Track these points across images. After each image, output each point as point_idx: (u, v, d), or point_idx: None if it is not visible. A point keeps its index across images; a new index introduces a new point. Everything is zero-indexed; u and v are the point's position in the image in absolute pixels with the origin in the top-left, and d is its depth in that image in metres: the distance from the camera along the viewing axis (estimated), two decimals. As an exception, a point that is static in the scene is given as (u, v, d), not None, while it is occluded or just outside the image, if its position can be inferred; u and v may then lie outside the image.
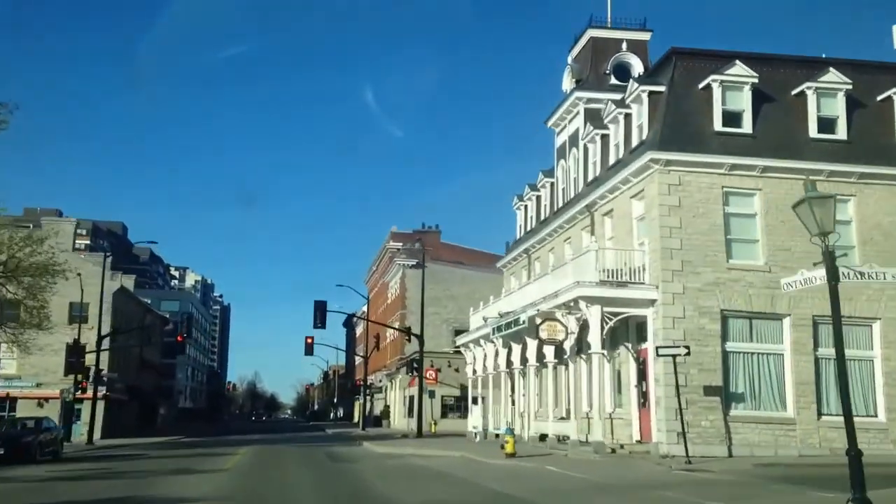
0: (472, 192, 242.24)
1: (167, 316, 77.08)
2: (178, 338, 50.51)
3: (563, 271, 24.94)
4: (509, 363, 31.96)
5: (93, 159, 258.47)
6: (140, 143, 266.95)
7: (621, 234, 24.69)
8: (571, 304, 22.86)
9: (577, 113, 30.19)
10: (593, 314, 22.21)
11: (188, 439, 49.38)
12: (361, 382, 60.27)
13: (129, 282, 67.02)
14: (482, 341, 34.33)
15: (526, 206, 37.84)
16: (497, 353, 32.74)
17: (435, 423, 51.25)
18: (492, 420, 35.91)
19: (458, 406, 55.82)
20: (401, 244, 71.14)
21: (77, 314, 50.45)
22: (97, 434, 50.92)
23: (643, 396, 23.27)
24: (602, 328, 22.25)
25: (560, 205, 32.19)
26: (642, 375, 23.35)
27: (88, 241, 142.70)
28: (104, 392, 51.34)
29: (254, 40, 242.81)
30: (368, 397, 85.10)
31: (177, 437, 51.74)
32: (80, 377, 45.36)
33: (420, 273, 66.53)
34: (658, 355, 20.78)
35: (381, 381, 70.15)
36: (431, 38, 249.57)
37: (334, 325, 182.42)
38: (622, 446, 22.64)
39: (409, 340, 45.86)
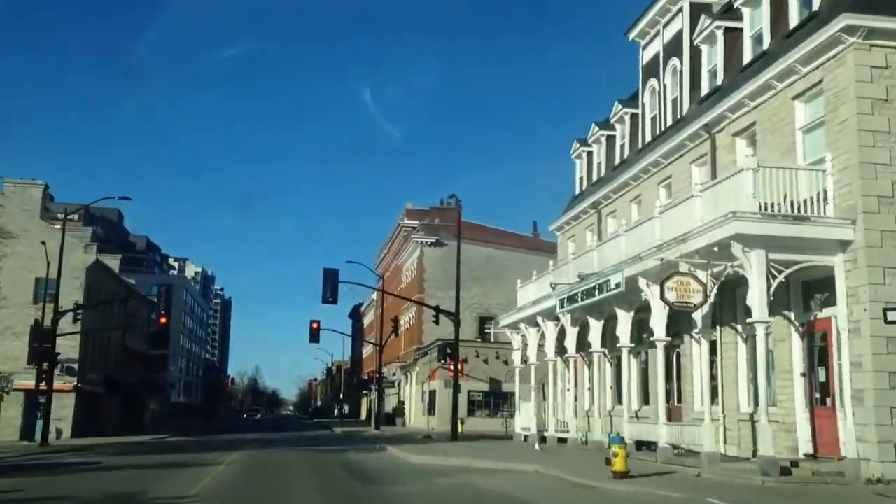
0: (474, 192, 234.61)
1: (155, 300, 69.47)
2: (161, 318, 42.97)
3: (685, 209, 17.35)
4: (583, 345, 24.37)
5: (92, 157, 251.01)
6: (140, 142, 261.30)
7: (768, 157, 17.02)
8: (715, 249, 15.24)
9: (680, 10, 22.52)
10: (755, 263, 14.60)
11: (173, 439, 41.93)
12: (375, 374, 52.67)
13: (112, 261, 59.62)
14: (541, 320, 26.69)
15: (590, 153, 30.21)
16: (563, 333, 25.12)
17: (462, 423, 43.68)
18: (553, 419, 28.26)
19: (486, 402, 48.18)
20: (417, 222, 63.53)
21: (44, 291, 42.76)
22: (66, 432, 43.48)
23: (821, 389, 15.65)
24: (768, 285, 14.64)
25: (648, 139, 24.56)
26: (820, 358, 15.74)
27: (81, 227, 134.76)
28: (74, 383, 43.83)
29: (255, 40, 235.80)
30: (380, 392, 77.39)
31: (161, 437, 44.28)
32: (46, 365, 37.81)
33: (441, 252, 59.01)
34: (888, 321, 13.16)
35: (394, 374, 62.54)
36: (432, 35, 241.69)
37: (341, 317, 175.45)
38: (795, 464, 15.03)
39: (437, 322, 38.32)
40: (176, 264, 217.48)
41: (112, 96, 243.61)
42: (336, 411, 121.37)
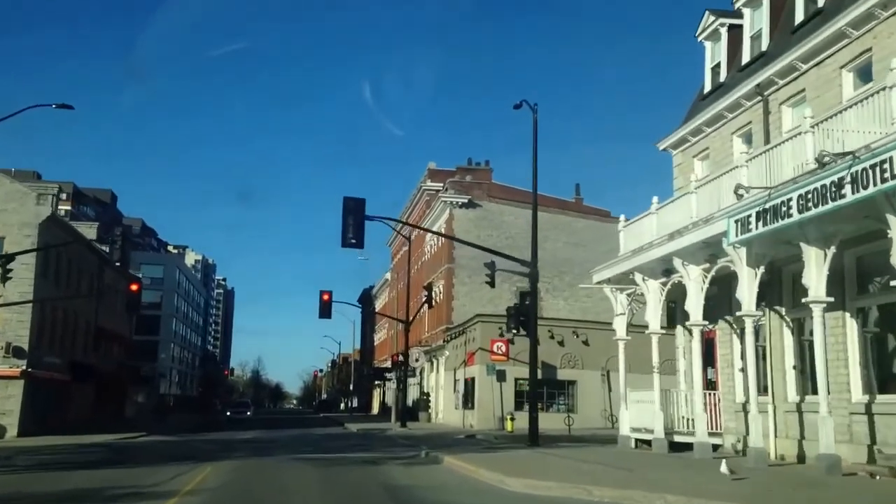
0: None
1: (140, 277, 60.33)
2: (133, 285, 33.85)
3: None
4: (769, 298, 15.12)
5: (92, 155, 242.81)
6: (140, 135, 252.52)
7: None
8: None
9: None
10: None
11: (147, 439, 32.92)
12: (398, 357, 43.47)
13: (88, 230, 50.76)
14: (680, 263, 17.28)
15: (733, 27, 20.81)
16: (728, 282, 15.84)
17: (511, 419, 34.62)
18: (678, 416, 18.91)
19: (538, 393, 38.95)
20: (441, 184, 54.31)
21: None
22: (13, 429, 34.46)
23: None
24: None
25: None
26: None
27: (69, 207, 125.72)
28: (22, 367, 34.78)
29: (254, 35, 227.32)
30: (404, 380, 67.27)
31: (134, 436, 35.30)
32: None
33: (473, 215, 49.77)
34: None
35: (416, 359, 52.87)
36: (432, 33, 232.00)
37: (346, 311, 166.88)
38: None
39: (492, 284, 29.06)
40: (175, 251, 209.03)
41: (114, 88, 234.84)
42: (343, 405, 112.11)
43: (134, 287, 33.28)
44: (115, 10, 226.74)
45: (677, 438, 18.87)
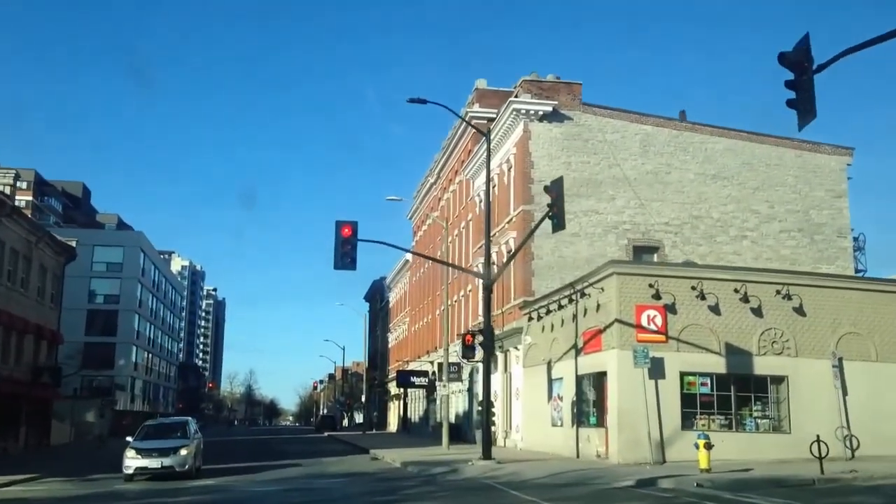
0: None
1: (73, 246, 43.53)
2: None
3: None
4: None
5: (91, 153, 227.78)
6: (139, 140, 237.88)
7: None
8: None
9: None
10: None
11: (24, 489, 16.48)
12: (476, 331, 26.40)
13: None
14: None
15: None
16: None
17: (706, 445, 18.12)
18: None
19: (717, 399, 22.41)
20: (495, 110, 37.85)
21: None
22: None
23: None
24: None
25: None
26: None
27: (30, 198, 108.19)
28: None
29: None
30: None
31: (18, 479, 19.04)
32: None
33: (559, 133, 33.18)
34: None
35: (456, 354, 35.76)
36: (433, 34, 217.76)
37: (350, 319, 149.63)
38: None
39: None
40: (161, 257, 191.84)
41: (111, 92, 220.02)
42: (346, 421, 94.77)
43: None
44: (116, 11, 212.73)
45: None
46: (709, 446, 18.04)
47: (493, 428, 28.28)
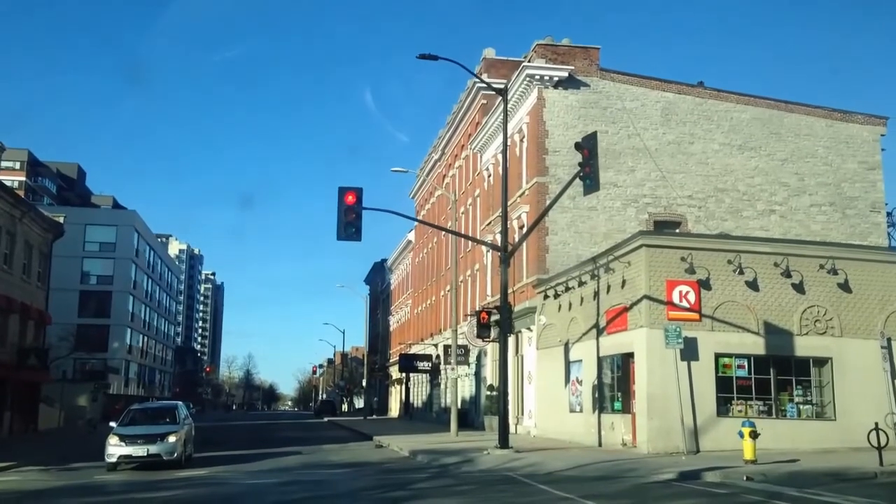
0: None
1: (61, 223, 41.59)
2: None
3: None
4: None
5: (91, 153, 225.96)
6: (141, 140, 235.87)
7: None
8: None
9: None
10: None
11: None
12: (492, 310, 24.40)
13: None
14: None
15: None
16: None
17: (752, 434, 16.32)
18: None
19: (755, 382, 20.57)
20: (503, 81, 35.63)
21: None
22: None
23: None
24: None
25: None
26: None
27: (23, 178, 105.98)
28: None
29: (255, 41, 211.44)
30: (410, 379, 48.38)
31: (2, 467, 17.31)
32: None
33: (575, 100, 31.17)
34: None
35: (463, 336, 33.95)
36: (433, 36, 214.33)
37: (350, 300, 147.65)
38: None
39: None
40: (159, 240, 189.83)
41: (111, 92, 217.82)
42: (345, 406, 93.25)
43: None
44: (116, 14, 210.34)
45: None
46: (754, 435, 16.23)
47: (505, 415, 26.35)
